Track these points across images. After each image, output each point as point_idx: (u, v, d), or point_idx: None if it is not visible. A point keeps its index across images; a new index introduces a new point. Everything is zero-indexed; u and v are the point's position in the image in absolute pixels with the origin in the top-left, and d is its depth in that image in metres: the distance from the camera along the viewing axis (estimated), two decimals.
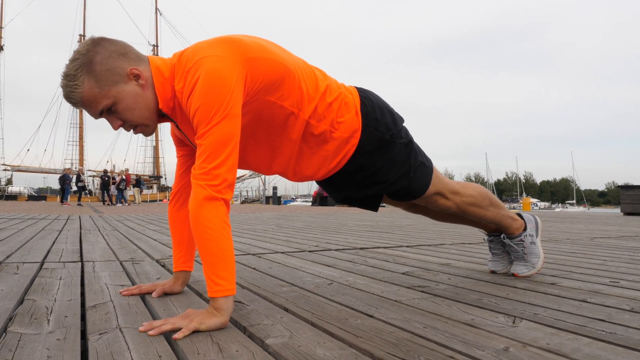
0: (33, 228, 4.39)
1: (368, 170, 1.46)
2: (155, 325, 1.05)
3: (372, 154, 1.44)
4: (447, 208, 1.63)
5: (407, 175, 1.50)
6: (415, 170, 1.52)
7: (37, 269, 1.94)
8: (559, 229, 4.79)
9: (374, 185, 1.50)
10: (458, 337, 1.02)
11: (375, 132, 1.43)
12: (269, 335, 1.03)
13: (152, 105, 1.24)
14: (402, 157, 1.49)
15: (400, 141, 1.48)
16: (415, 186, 1.53)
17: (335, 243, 3.23)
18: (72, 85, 1.17)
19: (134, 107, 1.21)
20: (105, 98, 1.19)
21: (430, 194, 1.57)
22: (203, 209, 1.12)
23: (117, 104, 1.20)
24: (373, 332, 1.06)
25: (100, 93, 1.18)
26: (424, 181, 1.55)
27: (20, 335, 1.02)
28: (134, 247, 2.87)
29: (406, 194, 1.54)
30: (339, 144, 1.40)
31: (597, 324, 1.14)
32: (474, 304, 1.35)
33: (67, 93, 1.19)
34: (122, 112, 1.21)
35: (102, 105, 1.19)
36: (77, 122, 45.61)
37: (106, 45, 1.20)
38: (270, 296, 1.45)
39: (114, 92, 1.19)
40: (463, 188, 1.65)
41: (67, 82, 1.17)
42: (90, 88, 1.17)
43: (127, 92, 1.20)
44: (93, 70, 1.17)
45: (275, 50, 1.26)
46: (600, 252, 2.69)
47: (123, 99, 1.20)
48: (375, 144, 1.44)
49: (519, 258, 1.79)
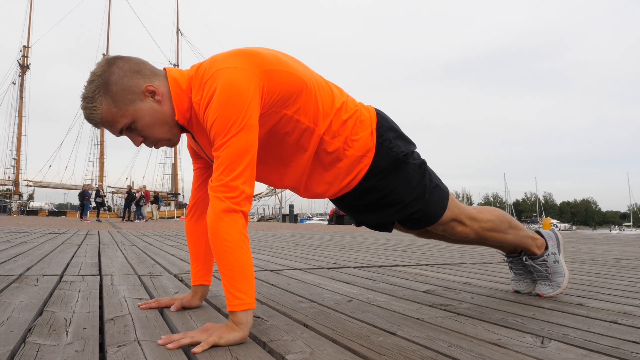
0: (53, 242, 4.43)
1: (382, 191, 1.43)
2: (174, 339, 1.03)
3: (385, 174, 1.41)
4: (465, 235, 1.58)
5: (422, 197, 1.46)
6: (430, 192, 1.48)
7: (56, 281, 1.94)
8: (581, 250, 4.68)
9: (388, 207, 1.46)
10: (485, 356, 0.99)
11: (389, 152, 1.40)
12: (289, 351, 1.00)
13: (170, 119, 1.24)
14: (417, 178, 1.45)
15: (414, 162, 1.45)
16: (430, 209, 1.49)
17: (353, 261, 3.19)
18: (91, 108, 1.20)
19: (152, 124, 1.23)
20: (124, 117, 1.20)
21: (447, 220, 1.52)
22: (221, 221, 1.10)
23: (136, 122, 1.22)
24: (396, 350, 1.03)
25: (118, 112, 1.20)
26: (440, 204, 1.50)
27: (39, 346, 1.01)
28: (152, 261, 2.87)
29: (422, 217, 1.49)
30: (351, 162, 1.38)
31: (631, 346, 1.09)
32: (500, 323, 1.31)
33: (87, 115, 1.22)
34: (141, 129, 1.23)
35: (122, 125, 1.22)
36: (98, 139, 46.56)
37: (120, 64, 1.21)
38: (289, 312, 1.42)
39: (132, 110, 1.20)
40: (480, 213, 1.60)
41: (86, 104, 1.21)
42: (108, 108, 1.19)
43: (144, 109, 1.21)
44: (109, 91, 1.19)
45: (292, 64, 1.25)
46: (628, 274, 2.61)
47: (141, 117, 1.21)
48: (389, 164, 1.41)
49: (542, 278, 1.74)
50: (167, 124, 1.24)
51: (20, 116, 45.79)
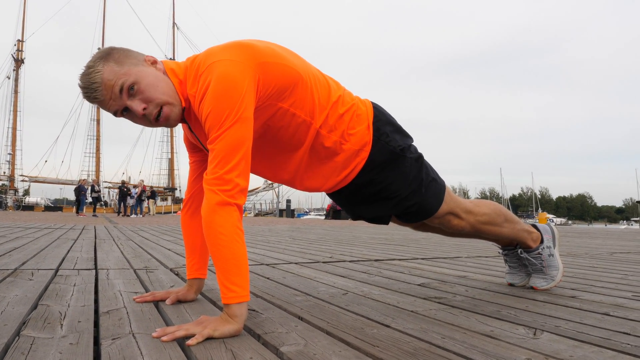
0: (48, 237, 4.42)
1: (378, 185, 1.43)
2: (168, 331, 1.04)
3: (382, 168, 1.41)
4: (461, 229, 1.59)
5: (419, 191, 1.46)
6: (427, 186, 1.48)
7: (51, 275, 1.95)
8: (576, 244, 4.70)
9: (385, 200, 1.46)
10: (478, 348, 0.99)
11: (386, 146, 1.40)
12: (284, 343, 1.01)
13: (173, 86, 1.21)
14: (414, 172, 1.45)
15: (411, 156, 1.45)
16: (427, 203, 1.49)
17: (349, 255, 3.20)
18: (93, 71, 1.16)
19: (156, 84, 1.19)
20: (126, 75, 1.16)
21: (443, 214, 1.53)
22: (215, 214, 1.10)
23: (139, 82, 1.17)
24: (390, 341, 1.04)
25: (120, 71, 1.16)
26: (436, 198, 1.50)
27: (33, 339, 1.01)
28: (148, 256, 2.87)
29: (418, 211, 1.50)
30: (348, 156, 1.38)
31: (622, 337, 1.10)
32: (493, 315, 1.32)
33: (86, 81, 1.16)
34: (144, 90, 1.17)
35: (122, 82, 1.16)
36: (94, 134, 46.31)
37: (118, 48, 1.22)
38: (284, 305, 1.43)
39: (135, 70, 1.18)
40: (476, 206, 1.60)
41: (86, 70, 1.17)
42: (111, 68, 1.16)
43: (148, 72, 1.20)
44: (112, 57, 1.18)
45: (288, 57, 1.25)
46: (621, 267, 2.63)
47: (145, 77, 1.18)
48: (385, 158, 1.41)
49: (537, 271, 1.75)
50: (171, 89, 1.21)
51: (15, 111, 45.58)
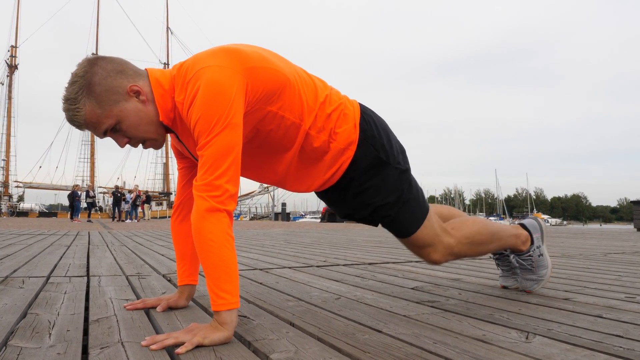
0: (42, 243, 4.39)
1: (357, 187, 1.41)
2: (157, 340, 1.03)
3: (364, 171, 1.39)
4: (441, 263, 1.51)
5: (394, 204, 1.41)
6: (404, 202, 1.42)
7: (42, 283, 1.93)
8: (571, 245, 4.71)
9: (363, 205, 1.43)
10: (469, 352, 0.99)
11: (371, 148, 1.38)
12: (274, 350, 1.00)
13: (155, 119, 1.23)
14: (394, 183, 1.41)
15: (396, 166, 1.42)
16: (399, 220, 1.43)
17: (343, 258, 3.19)
18: (74, 109, 1.17)
19: (138, 124, 1.21)
20: (108, 118, 1.18)
21: (421, 244, 1.46)
22: (205, 220, 1.10)
23: (121, 122, 1.20)
24: (381, 347, 1.03)
25: (102, 114, 1.18)
26: (412, 219, 1.43)
27: (20, 349, 1.00)
28: (141, 262, 2.85)
29: (391, 224, 1.44)
30: (334, 155, 1.36)
31: (614, 340, 1.09)
32: (486, 319, 1.32)
33: (70, 116, 1.18)
34: (127, 129, 1.21)
35: (106, 125, 1.19)
36: (88, 139, 46.06)
37: (103, 64, 1.19)
38: (276, 311, 1.42)
39: (116, 111, 1.18)
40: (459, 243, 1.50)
41: (68, 105, 1.17)
42: (92, 110, 1.17)
43: (129, 110, 1.19)
44: (93, 92, 1.16)
45: (274, 60, 1.25)
46: (615, 268, 2.63)
47: (126, 117, 1.20)
48: (369, 161, 1.38)
49: (526, 271, 1.74)
50: (152, 124, 1.23)
51: (9, 117, 45.22)
